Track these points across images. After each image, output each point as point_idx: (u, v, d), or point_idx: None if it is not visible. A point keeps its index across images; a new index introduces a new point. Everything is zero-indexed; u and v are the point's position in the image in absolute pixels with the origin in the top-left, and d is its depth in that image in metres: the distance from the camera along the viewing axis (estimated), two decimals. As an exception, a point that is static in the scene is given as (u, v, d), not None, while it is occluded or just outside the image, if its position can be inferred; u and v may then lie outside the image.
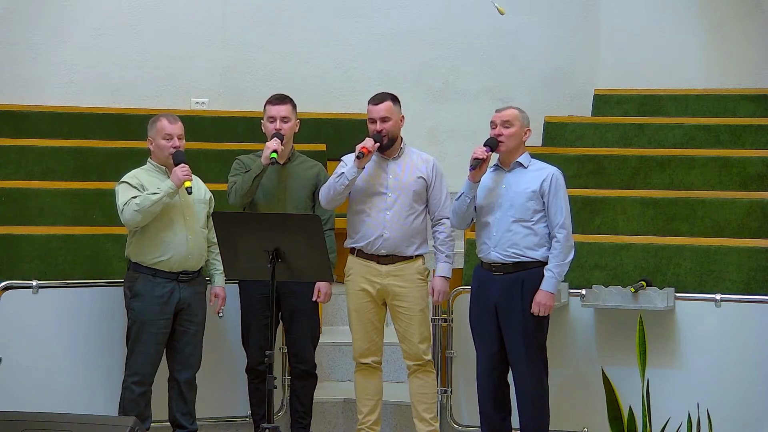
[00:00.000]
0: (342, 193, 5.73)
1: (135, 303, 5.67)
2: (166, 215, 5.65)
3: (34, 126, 8.09)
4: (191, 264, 5.72)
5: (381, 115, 5.75)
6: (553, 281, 5.51)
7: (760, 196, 6.87)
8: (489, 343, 5.63)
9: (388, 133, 5.75)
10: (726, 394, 5.73)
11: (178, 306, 5.69)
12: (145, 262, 5.67)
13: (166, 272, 5.66)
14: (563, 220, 5.53)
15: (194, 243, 5.71)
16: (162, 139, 5.71)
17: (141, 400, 5.67)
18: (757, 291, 6.04)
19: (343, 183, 5.69)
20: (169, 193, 5.58)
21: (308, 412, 6.08)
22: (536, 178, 5.58)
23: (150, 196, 5.56)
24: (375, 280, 5.80)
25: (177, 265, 5.67)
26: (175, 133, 5.70)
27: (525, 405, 5.58)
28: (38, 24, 8.67)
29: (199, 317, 5.78)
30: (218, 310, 5.85)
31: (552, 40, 9.28)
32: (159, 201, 5.55)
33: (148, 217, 5.58)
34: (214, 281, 5.88)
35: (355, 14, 9.17)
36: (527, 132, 5.66)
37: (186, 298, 5.71)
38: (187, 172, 5.59)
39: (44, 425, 4.88)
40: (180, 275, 5.69)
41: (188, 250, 5.68)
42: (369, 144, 5.68)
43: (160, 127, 5.72)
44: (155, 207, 5.56)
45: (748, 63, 8.99)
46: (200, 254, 5.76)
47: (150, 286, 5.65)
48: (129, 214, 5.57)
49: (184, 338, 5.75)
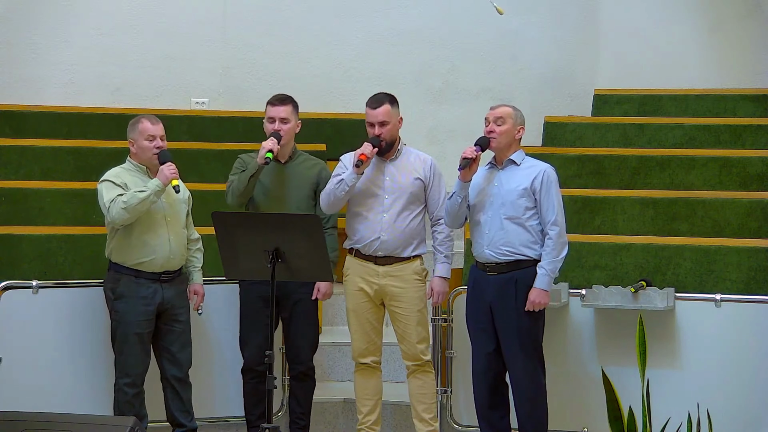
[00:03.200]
0: (342, 198, 5.74)
1: (119, 304, 5.67)
2: (150, 216, 5.66)
3: (34, 126, 8.09)
4: (173, 264, 5.73)
5: (379, 120, 5.74)
6: (546, 278, 5.50)
7: (760, 196, 6.87)
8: (484, 342, 5.63)
9: (386, 137, 5.75)
10: (726, 394, 5.73)
11: (161, 306, 5.70)
12: (127, 263, 5.67)
13: (148, 273, 5.66)
14: (555, 217, 5.52)
15: (176, 243, 5.72)
16: (144, 140, 5.70)
17: (135, 401, 5.68)
18: (757, 291, 6.04)
19: (343, 189, 5.69)
20: (156, 192, 5.58)
21: (306, 414, 6.06)
22: (528, 175, 5.57)
23: (137, 193, 5.56)
24: (372, 280, 5.79)
25: (159, 266, 5.68)
26: (157, 134, 5.70)
27: (522, 404, 5.58)
28: (38, 24, 8.67)
29: (183, 315, 5.79)
30: (197, 306, 5.87)
31: (552, 40, 9.28)
32: (146, 199, 5.55)
33: (135, 215, 5.58)
34: (192, 278, 5.88)
35: (355, 14, 9.17)
36: (520, 130, 5.64)
37: (169, 298, 5.72)
38: (174, 170, 5.60)
39: (44, 425, 4.88)
40: (162, 275, 5.69)
41: (171, 251, 5.69)
42: (367, 150, 5.67)
43: (142, 129, 5.71)
44: (142, 205, 5.56)
45: (748, 63, 8.99)
46: (182, 254, 5.77)
47: (134, 287, 5.65)
48: (116, 212, 5.57)
49: (170, 337, 5.76)
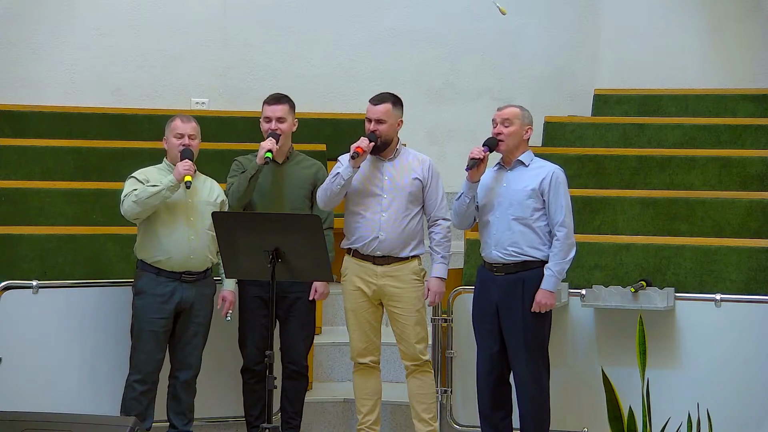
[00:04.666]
0: (338, 193, 5.71)
1: (138, 300, 5.69)
2: (171, 215, 5.66)
3: (34, 126, 8.08)
4: (194, 265, 5.70)
5: (376, 117, 5.73)
6: (553, 280, 5.51)
7: (760, 196, 6.87)
8: (489, 343, 5.63)
9: (382, 135, 5.73)
10: (726, 394, 5.72)
11: (179, 306, 5.68)
12: (148, 260, 5.68)
13: (168, 271, 5.65)
14: (563, 218, 5.53)
15: (198, 244, 5.69)
16: (173, 137, 5.74)
17: (143, 398, 5.66)
18: (757, 291, 6.03)
19: (339, 183, 5.67)
20: (170, 187, 5.57)
21: (298, 413, 6.04)
22: (536, 176, 5.58)
23: (149, 188, 5.57)
24: (371, 280, 5.78)
25: (178, 265, 5.66)
26: (186, 132, 5.72)
27: (525, 404, 5.58)
28: (38, 24, 8.67)
29: (200, 319, 5.75)
30: (225, 313, 5.81)
31: (552, 40, 9.28)
32: (158, 194, 5.55)
33: (147, 209, 5.58)
34: (223, 284, 5.84)
35: (355, 14, 9.17)
36: (528, 130, 5.64)
37: (188, 298, 5.69)
38: (188, 166, 5.58)
39: (44, 425, 4.88)
40: (183, 275, 5.68)
41: (190, 251, 5.66)
42: (364, 144, 5.65)
43: (173, 126, 5.75)
44: (153, 199, 5.55)
45: (748, 63, 8.99)
46: (204, 255, 5.72)
47: (152, 284, 5.65)
48: (127, 205, 5.60)
49: (183, 338, 5.74)
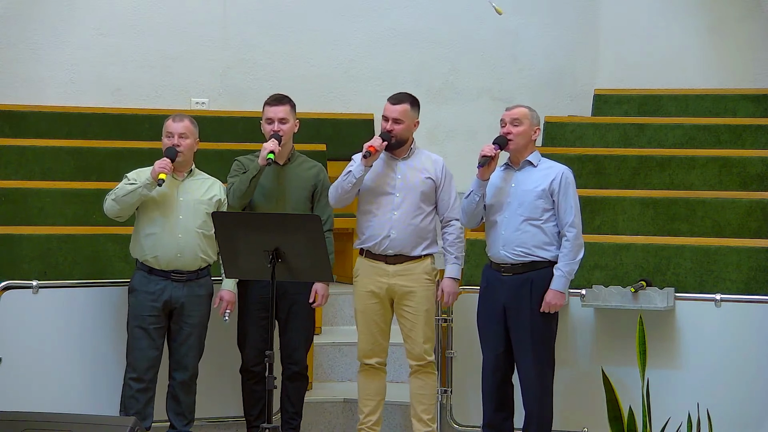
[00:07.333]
0: (350, 191, 5.70)
1: (131, 298, 5.70)
2: (159, 213, 5.66)
3: (34, 126, 8.09)
4: (183, 264, 5.67)
5: (394, 116, 5.72)
6: (563, 280, 5.51)
7: (760, 196, 6.87)
8: (495, 344, 5.62)
9: (397, 135, 5.72)
10: (726, 394, 5.72)
11: (169, 305, 5.67)
12: (140, 258, 5.70)
13: (158, 270, 5.66)
14: (573, 219, 5.53)
15: (187, 243, 5.66)
16: (165, 136, 5.74)
17: (140, 396, 5.65)
18: (757, 291, 6.03)
19: (350, 181, 5.67)
20: (146, 185, 5.56)
21: (299, 414, 6.03)
22: (546, 176, 5.58)
23: (126, 185, 5.58)
24: (382, 280, 5.77)
25: (166, 263, 5.65)
26: (175, 132, 5.71)
27: (530, 404, 5.57)
28: (38, 24, 8.66)
29: (193, 319, 5.72)
30: (222, 312, 5.78)
31: (552, 40, 9.28)
32: (134, 191, 5.55)
33: (126, 207, 5.60)
34: (222, 283, 5.82)
35: (355, 14, 9.16)
36: (537, 131, 5.65)
37: (178, 298, 5.67)
38: (164, 164, 5.56)
39: (44, 425, 4.87)
40: (172, 274, 5.66)
41: (178, 250, 5.65)
42: (377, 143, 5.65)
43: (165, 126, 5.76)
44: (130, 197, 5.57)
45: (748, 63, 8.99)
46: (194, 255, 5.69)
47: (144, 282, 5.66)
48: (108, 203, 5.64)
49: (178, 339, 5.74)
